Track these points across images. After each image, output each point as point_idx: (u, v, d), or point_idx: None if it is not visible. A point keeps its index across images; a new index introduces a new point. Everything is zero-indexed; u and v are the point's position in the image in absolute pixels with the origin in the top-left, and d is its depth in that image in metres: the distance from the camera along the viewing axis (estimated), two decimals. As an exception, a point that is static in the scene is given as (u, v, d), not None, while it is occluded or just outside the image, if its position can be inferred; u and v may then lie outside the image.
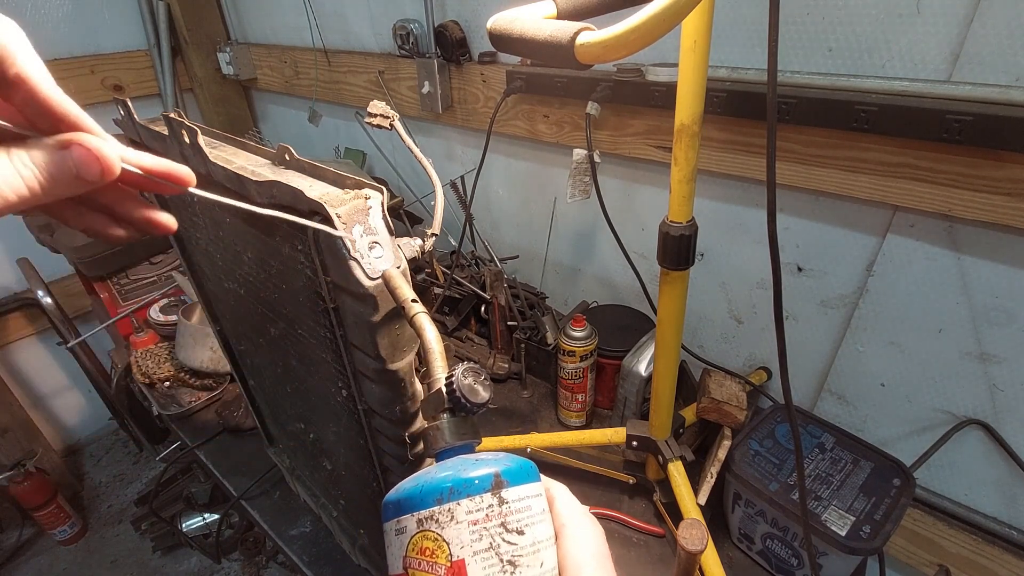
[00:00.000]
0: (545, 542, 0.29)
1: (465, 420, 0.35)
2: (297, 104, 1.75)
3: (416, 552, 0.29)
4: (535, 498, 0.30)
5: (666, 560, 0.79)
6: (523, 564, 0.28)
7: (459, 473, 0.29)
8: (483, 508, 0.28)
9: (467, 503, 0.28)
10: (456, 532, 0.28)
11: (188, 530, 1.57)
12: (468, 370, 0.34)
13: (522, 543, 0.28)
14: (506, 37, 0.47)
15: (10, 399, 1.77)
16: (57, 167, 0.23)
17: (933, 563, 0.85)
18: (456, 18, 1.13)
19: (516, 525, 0.29)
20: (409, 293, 0.37)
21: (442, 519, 0.28)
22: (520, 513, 0.29)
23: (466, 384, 0.33)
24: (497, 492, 0.29)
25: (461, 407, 0.34)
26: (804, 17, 0.71)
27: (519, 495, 0.29)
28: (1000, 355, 0.72)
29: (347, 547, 0.78)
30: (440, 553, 0.28)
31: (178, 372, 1.15)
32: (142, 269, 1.44)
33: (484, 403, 0.34)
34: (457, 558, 0.27)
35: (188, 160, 0.47)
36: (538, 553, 0.29)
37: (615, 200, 0.99)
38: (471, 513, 0.28)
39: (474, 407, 0.34)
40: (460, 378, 0.33)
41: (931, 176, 0.66)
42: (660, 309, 0.68)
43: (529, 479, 0.31)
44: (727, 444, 0.79)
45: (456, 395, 0.33)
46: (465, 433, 0.34)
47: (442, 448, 0.34)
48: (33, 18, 1.56)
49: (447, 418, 0.34)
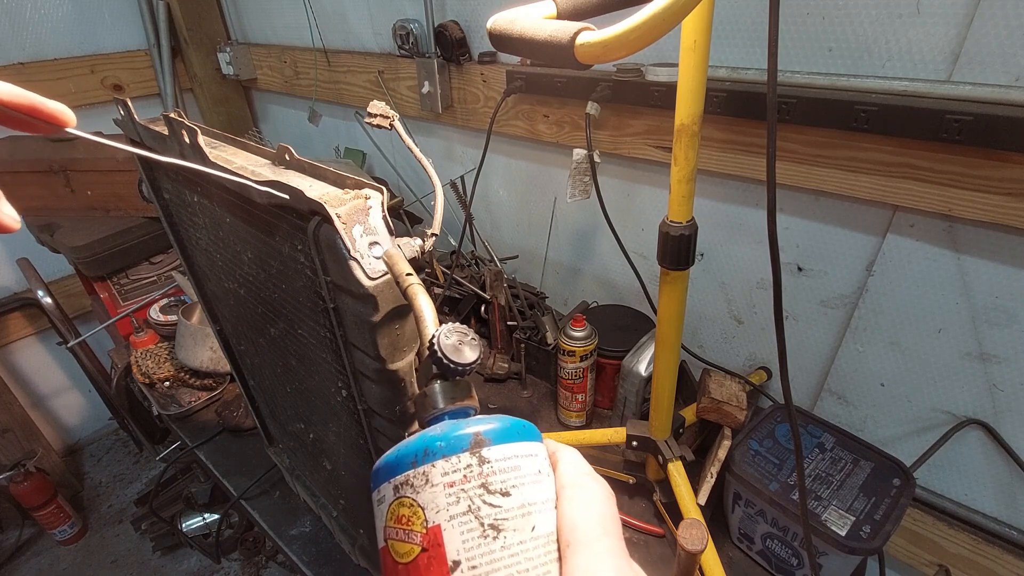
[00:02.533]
0: (539, 504, 0.26)
1: (457, 384, 0.32)
2: (297, 104, 1.75)
3: (394, 521, 0.26)
4: (527, 458, 0.27)
5: (666, 560, 0.79)
6: (508, 528, 0.25)
7: (435, 434, 0.27)
8: (460, 469, 0.26)
9: (442, 464, 0.26)
10: (431, 496, 0.25)
11: (188, 530, 1.57)
12: (452, 329, 0.31)
13: (507, 505, 0.26)
14: (506, 37, 0.47)
15: (10, 399, 1.77)
16: None
17: (933, 563, 0.85)
18: (456, 18, 1.13)
19: (500, 486, 0.26)
20: (406, 267, 0.36)
21: (416, 483, 0.26)
22: (506, 473, 0.26)
23: (449, 344, 0.31)
24: (477, 451, 0.26)
25: (445, 369, 0.31)
26: (804, 17, 0.71)
27: (504, 454, 0.27)
28: (1000, 355, 0.72)
29: (347, 547, 0.78)
30: (416, 520, 0.25)
31: (178, 372, 1.15)
32: (142, 269, 1.45)
33: (471, 363, 0.31)
34: (432, 524, 0.25)
35: (188, 160, 0.47)
36: (528, 516, 0.26)
37: (615, 200, 0.99)
38: (447, 475, 0.26)
39: (459, 368, 0.31)
40: (442, 338, 0.31)
41: (931, 176, 0.66)
42: (660, 309, 0.68)
43: (519, 438, 0.28)
44: (727, 444, 0.79)
45: (439, 356, 0.30)
46: (456, 397, 0.31)
47: (432, 415, 0.31)
48: (33, 18, 1.56)
49: (438, 383, 0.32)
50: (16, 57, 1.55)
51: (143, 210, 1.40)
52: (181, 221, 0.68)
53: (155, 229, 1.40)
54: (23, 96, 0.26)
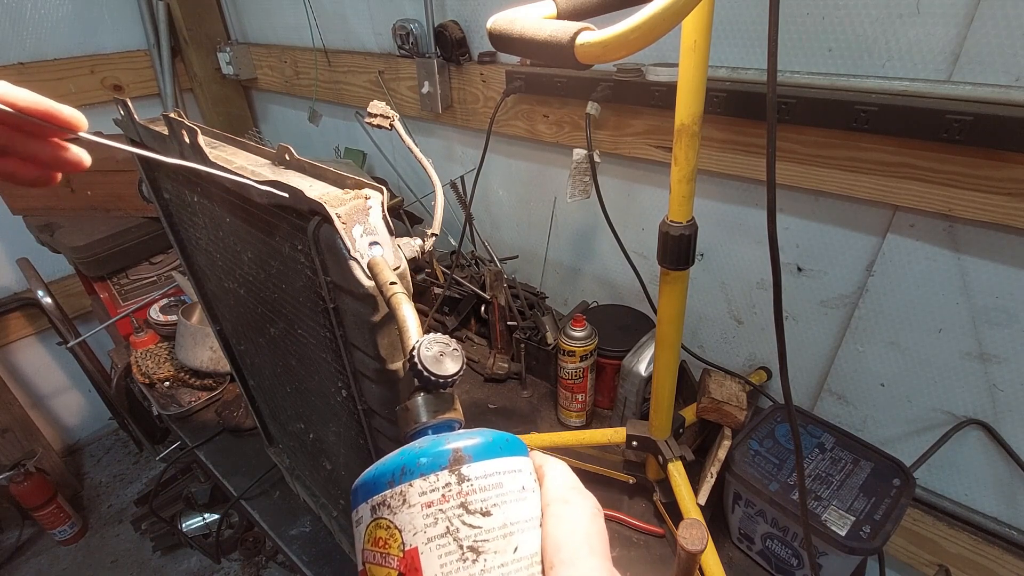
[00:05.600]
0: (522, 524, 0.25)
1: (440, 396, 0.31)
2: (297, 104, 1.75)
3: (371, 543, 0.25)
4: (510, 474, 0.26)
5: (666, 560, 0.79)
6: (488, 551, 0.24)
7: (412, 450, 0.26)
8: (438, 488, 0.25)
9: (420, 483, 0.25)
10: (408, 517, 0.24)
11: (188, 530, 1.57)
12: (434, 340, 0.30)
13: (488, 526, 0.24)
14: (506, 37, 0.47)
15: (10, 399, 1.77)
16: None
17: (933, 563, 0.85)
18: (456, 18, 1.13)
19: (480, 506, 0.25)
20: (390, 276, 0.35)
21: (394, 504, 0.25)
22: (486, 492, 0.25)
23: (429, 356, 0.29)
24: (456, 469, 0.25)
25: (426, 381, 0.29)
26: (804, 17, 0.71)
27: (485, 471, 0.25)
28: (1000, 355, 0.72)
29: (347, 547, 0.78)
30: (393, 543, 0.24)
31: (178, 372, 1.15)
32: (142, 269, 1.45)
33: (452, 376, 0.29)
34: (410, 547, 0.24)
35: (188, 160, 0.47)
36: (510, 537, 0.25)
37: (615, 200, 0.99)
38: (424, 494, 0.24)
39: (440, 380, 0.29)
40: (423, 349, 0.29)
41: (931, 176, 0.66)
42: (660, 309, 0.68)
43: (502, 453, 0.27)
44: (727, 444, 0.79)
45: (419, 368, 0.29)
46: (439, 410, 0.30)
47: (414, 429, 0.30)
48: (33, 18, 1.56)
49: (420, 396, 0.30)
50: (16, 57, 1.55)
51: (143, 210, 1.40)
52: (181, 221, 0.68)
53: (155, 229, 1.40)
54: (39, 102, 0.26)
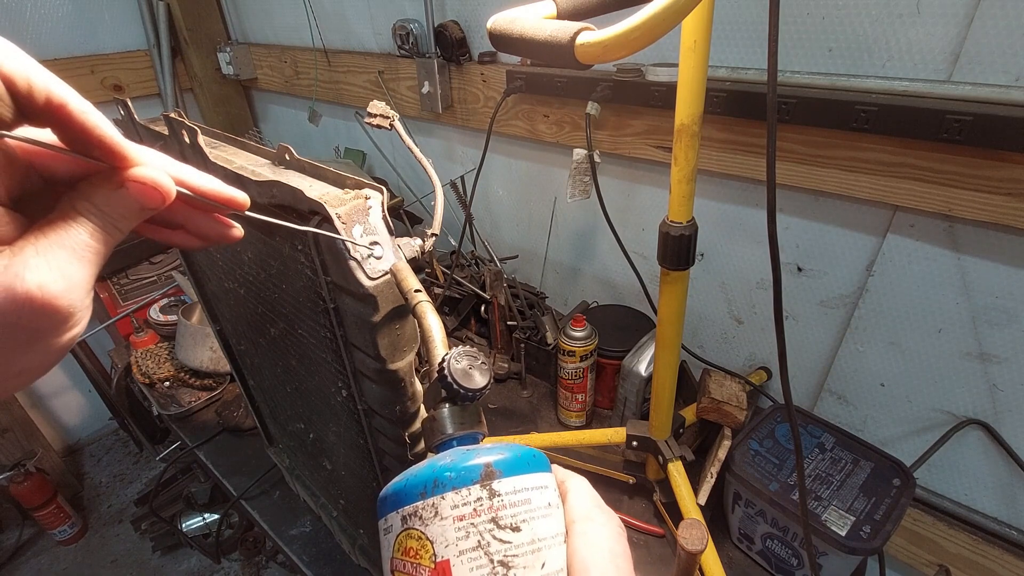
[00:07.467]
0: (549, 540, 0.26)
1: (465, 409, 0.31)
2: (297, 104, 1.75)
3: (401, 553, 0.26)
4: (537, 490, 0.27)
5: (666, 560, 0.79)
6: (518, 565, 0.25)
7: (445, 463, 0.27)
8: (470, 502, 0.25)
9: (452, 496, 0.25)
10: (440, 529, 0.25)
11: (188, 530, 1.57)
12: (463, 353, 0.31)
13: (517, 541, 0.25)
14: (506, 37, 0.47)
15: (10, 399, 1.77)
16: (124, 205, 0.24)
17: (933, 563, 0.85)
18: (456, 18, 1.13)
19: (510, 521, 0.25)
20: (415, 283, 0.36)
21: (425, 515, 0.25)
22: (516, 507, 0.26)
23: (459, 369, 0.30)
24: (487, 484, 0.26)
25: (455, 394, 0.30)
26: (804, 17, 0.71)
27: (515, 487, 0.26)
28: (1000, 355, 0.72)
29: (347, 547, 0.78)
30: (424, 553, 0.25)
31: (178, 372, 1.15)
32: (142, 269, 1.45)
33: (481, 389, 0.31)
34: (441, 559, 0.24)
35: (188, 160, 0.47)
36: (538, 553, 0.25)
37: (615, 200, 0.99)
38: (456, 508, 0.25)
39: (469, 393, 0.30)
40: (452, 362, 0.30)
41: (931, 176, 0.66)
42: (660, 309, 0.68)
43: (530, 469, 0.27)
44: (727, 444, 0.79)
45: (448, 381, 0.30)
46: (465, 423, 0.31)
47: (440, 440, 0.31)
48: (33, 18, 1.55)
49: (447, 408, 0.31)
50: (16, 57, 1.55)
51: (143, 210, 1.40)
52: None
53: (155, 229, 1.40)
54: (214, 186, 0.27)
